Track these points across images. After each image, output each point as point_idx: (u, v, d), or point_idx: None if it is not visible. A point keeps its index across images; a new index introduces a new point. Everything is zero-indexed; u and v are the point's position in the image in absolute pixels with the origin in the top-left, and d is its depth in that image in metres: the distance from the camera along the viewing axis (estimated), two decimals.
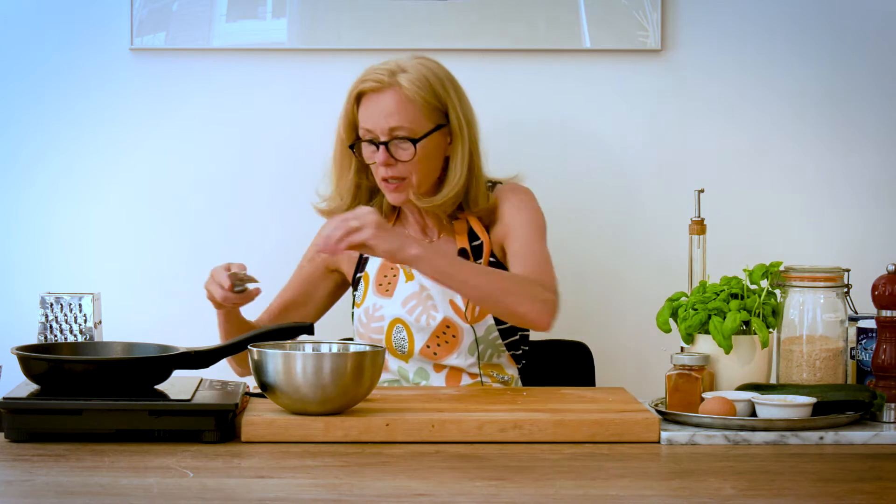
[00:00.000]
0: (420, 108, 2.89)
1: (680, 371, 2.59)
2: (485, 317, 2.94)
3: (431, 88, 2.90)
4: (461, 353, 2.95)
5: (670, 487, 2.16)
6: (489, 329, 2.95)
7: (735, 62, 3.50)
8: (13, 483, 2.13)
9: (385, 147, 2.89)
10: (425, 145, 2.90)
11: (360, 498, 2.06)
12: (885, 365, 2.63)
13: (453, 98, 2.93)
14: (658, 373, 2.84)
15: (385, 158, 2.89)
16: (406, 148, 2.89)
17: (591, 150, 3.51)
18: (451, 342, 2.94)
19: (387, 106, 2.88)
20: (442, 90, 2.91)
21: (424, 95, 2.88)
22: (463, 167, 2.93)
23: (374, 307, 2.98)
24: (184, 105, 3.48)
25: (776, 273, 2.74)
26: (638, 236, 3.52)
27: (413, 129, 2.88)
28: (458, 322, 2.94)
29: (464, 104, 2.95)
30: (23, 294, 3.39)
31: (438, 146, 2.93)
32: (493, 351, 2.96)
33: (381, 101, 2.89)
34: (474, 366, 2.96)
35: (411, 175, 2.91)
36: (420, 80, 2.89)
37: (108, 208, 3.48)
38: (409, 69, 2.90)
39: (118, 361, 2.49)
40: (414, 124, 2.88)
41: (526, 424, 2.44)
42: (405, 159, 2.89)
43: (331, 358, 2.45)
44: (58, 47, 3.45)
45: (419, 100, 2.88)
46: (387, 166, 2.90)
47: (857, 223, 3.52)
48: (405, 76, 2.88)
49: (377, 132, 2.89)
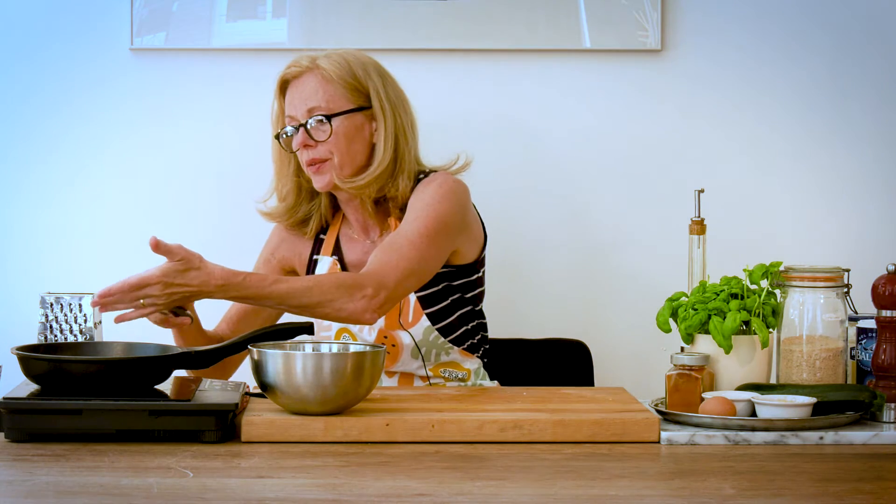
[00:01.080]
0: (339, 87, 2.90)
1: (680, 371, 2.59)
2: (419, 320, 2.94)
3: (351, 70, 2.91)
4: (405, 360, 2.95)
5: (670, 487, 2.16)
6: (427, 331, 2.94)
7: (735, 62, 3.50)
8: (13, 483, 2.13)
9: (304, 128, 2.90)
10: (343, 125, 2.90)
11: (360, 498, 2.06)
12: (885, 365, 2.63)
13: (375, 81, 2.93)
14: (658, 373, 2.84)
15: (303, 139, 2.91)
16: (324, 129, 2.90)
17: (590, 151, 3.51)
18: (393, 351, 2.94)
19: (306, 89, 2.91)
20: (363, 73, 2.92)
21: (343, 75, 2.90)
22: (388, 150, 2.92)
23: None
24: (184, 105, 3.48)
25: (776, 273, 2.74)
26: (638, 236, 3.52)
27: (331, 109, 2.90)
28: (393, 331, 2.94)
29: (389, 89, 2.95)
30: (23, 294, 3.39)
31: (360, 129, 2.93)
32: (438, 350, 2.96)
33: (301, 85, 2.92)
34: (421, 368, 2.96)
35: (332, 156, 2.91)
36: (339, 63, 2.91)
37: (109, 208, 3.48)
38: (331, 55, 2.93)
39: (118, 361, 2.49)
40: (331, 104, 2.90)
41: (526, 424, 2.44)
42: (322, 139, 2.90)
43: (331, 358, 2.45)
44: (58, 47, 3.46)
45: (337, 79, 2.90)
46: (306, 147, 2.91)
47: (856, 223, 3.52)
48: (325, 59, 2.91)
49: (297, 116, 2.92)
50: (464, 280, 2.99)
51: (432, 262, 2.84)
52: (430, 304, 2.95)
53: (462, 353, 2.99)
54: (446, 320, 2.96)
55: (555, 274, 3.47)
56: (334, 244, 3.03)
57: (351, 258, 3.02)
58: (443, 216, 2.87)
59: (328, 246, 3.04)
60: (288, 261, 3.09)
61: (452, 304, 2.97)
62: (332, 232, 3.05)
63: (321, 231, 3.07)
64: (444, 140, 3.14)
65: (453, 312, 2.97)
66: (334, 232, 3.05)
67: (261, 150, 3.48)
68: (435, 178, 2.95)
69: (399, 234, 2.83)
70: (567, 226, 3.49)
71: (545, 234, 3.46)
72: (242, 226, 3.48)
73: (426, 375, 2.97)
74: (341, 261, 3.01)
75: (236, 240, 3.48)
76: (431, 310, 2.95)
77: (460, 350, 2.98)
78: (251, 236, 3.45)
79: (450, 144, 3.03)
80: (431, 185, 2.93)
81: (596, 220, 3.51)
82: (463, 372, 2.99)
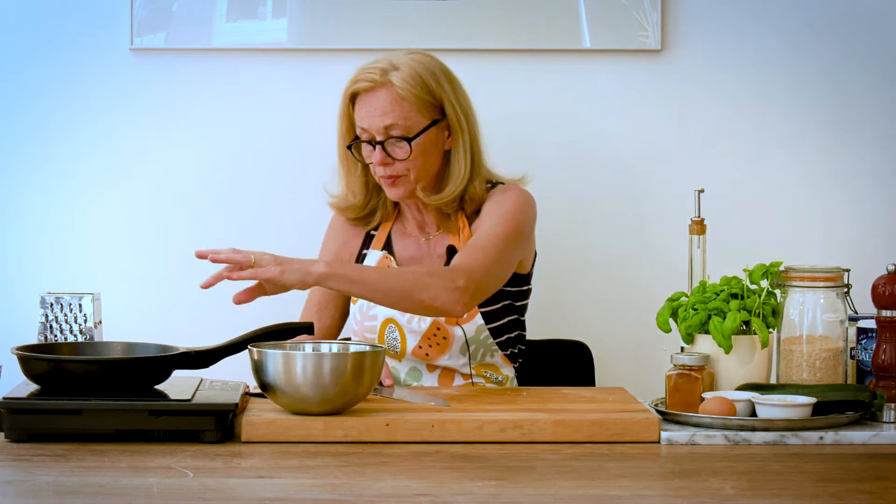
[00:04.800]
0: (413, 104, 2.88)
1: (680, 371, 2.59)
2: (474, 317, 2.94)
3: (424, 84, 2.89)
4: (452, 354, 2.95)
5: (670, 487, 2.17)
6: (479, 329, 2.94)
7: (735, 62, 3.50)
8: (13, 483, 2.13)
9: (381, 146, 2.89)
10: (421, 142, 2.89)
11: (360, 498, 2.06)
12: (885, 365, 2.63)
13: (448, 92, 2.92)
14: (658, 373, 2.84)
15: (382, 158, 2.89)
16: (402, 147, 2.88)
17: (590, 151, 3.51)
18: (443, 343, 2.94)
19: (380, 105, 2.88)
20: (435, 85, 2.90)
21: (417, 92, 2.88)
22: (466, 160, 2.94)
23: (367, 305, 2.97)
24: (184, 105, 3.48)
25: (776, 273, 2.74)
26: (638, 236, 3.52)
27: (408, 127, 2.88)
28: (448, 324, 2.94)
29: (460, 97, 2.95)
30: (23, 294, 3.39)
31: (436, 141, 2.93)
32: (485, 350, 2.96)
33: (374, 101, 2.88)
34: (466, 366, 2.96)
35: (409, 172, 2.91)
36: (412, 77, 2.88)
37: (109, 208, 3.48)
38: (401, 66, 2.89)
39: (118, 361, 2.49)
40: (408, 121, 2.88)
41: (526, 424, 2.44)
42: (401, 158, 2.89)
43: (331, 358, 2.45)
44: (58, 47, 3.45)
45: (412, 97, 2.87)
46: (384, 165, 2.90)
47: (857, 223, 3.52)
48: (397, 74, 2.88)
49: (373, 131, 2.89)
50: (516, 288, 3.00)
51: (509, 266, 2.90)
52: (485, 304, 2.95)
53: (503, 358, 2.99)
54: (498, 322, 2.96)
55: (555, 274, 3.46)
56: (386, 239, 3.02)
57: (403, 254, 3.01)
58: (520, 225, 2.93)
59: (379, 240, 3.02)
60: (338, 254, 3.07)
61: (504, 309, 2.98)
62: (384, 227, 3.04)
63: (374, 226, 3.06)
64: None
65: (504, 316, 2.98)
66: (387, 227, 3.04)
67: (261, 150, 3.48)
68: (513, 188, 2.98)
69: (482, 236, 2.87)
70: (567, 226, 3.48)
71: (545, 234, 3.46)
72: (243, 225, 3.48)
73: (469, 373, 2.96)
74: (392, 256, 3.00)
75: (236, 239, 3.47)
76: (486, 309, 2.95)
77: (502, 355, 2.99)
78: (252, 236, 3.45)
79: None
80: (510, 193, 2.96)
81: (596, 221, 3.51)
82: (502, 377, 2.99)
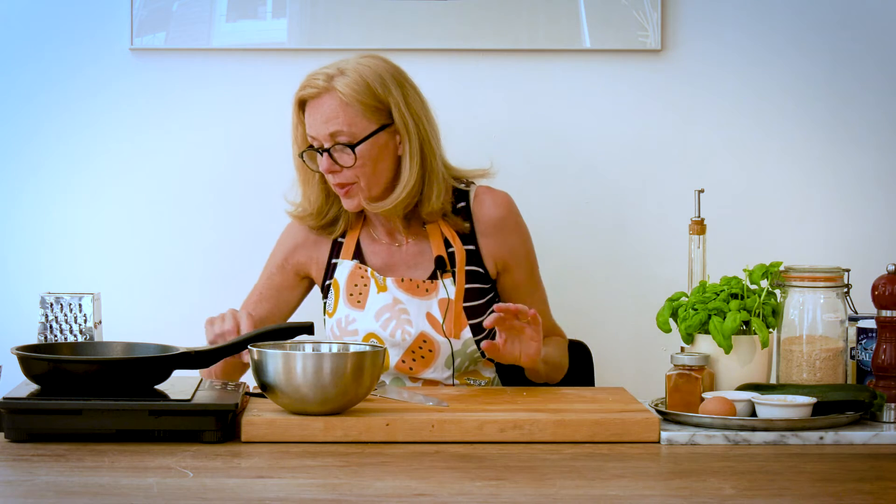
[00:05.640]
0: (359, 111, 2.82)
1: (680, 371, 2.59)
2: (463, 329, 2.92)
3: (369, 89, 2.82)
4: (437, 367, 2.92)
5: (670, 487, 2.17)
6: (467, 343, 2.91)
7: (735, 62, 3.50)
8: (13, 483, 2.13)
9: (328, 154, 2.83)
10: (367, 149, 2.83)
11: (360, 498, 2.06)
12: (885, 365, 2.63)
13: (396, 96, 2.84)
14: (658, 373, 2.84)
15: (328, 165, 2.84)
16: (348, 154, 2.82)
17: (591, 150, 3.51)
18: (428, 357, 2.91)
19: (325, 112, 2.83)
20: (382, 89, 2.83)
21: (362, 98, 2.81)
22: (414, 166, 2.86)
23: (346, 319, 2.93)
24: (184, 105, 3.48)
25: (776, 273, 2.74)
26: (638, 236, 3.52)
27: (353, 133, 2.82)
28: (434, 336, 2.90)
29: (411, 101, 2.87)
30: (23, 294, 3.39)
31: (385, 147, 2.86)
32: (469, 362, 2.94)
33: (320, 107, 2.83)
34: (450, 378, 2.93)
35: (359, 179, 2.85)
36: (357, 83, 2.82)
37: (109, 208, 3.48)
38: (347, 71, 2.83)
39: (118, 361, 2.49)
40: (354, 128, 2.82)
41: (526, 424, 2.44)
42: (348, 165, 2.83)
43: (331, 358, 2.45)
44: (58, 47, 3.46)
45: (356, 103, 2.81)
46: (332, 173, 2.85)
47: (856, 223, 3.52)
48: (341, 79, 2.82)
49: (320, 139, 2.84)
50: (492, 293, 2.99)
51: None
52: (474, 315, 2.92)
53: (485, 363, 2.97)
54: (484, 332, 2.92)
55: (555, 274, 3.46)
56: (355, 247, 2.97)
57: (375, 262, 2.95)
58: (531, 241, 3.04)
59: (348, 249, 2.96)
60: (304, 266, 3.01)
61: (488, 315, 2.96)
62: (351, 234, 2.97)
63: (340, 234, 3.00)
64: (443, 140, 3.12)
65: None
66: (354, 234, 2.97)
67: (261, 150, 3.48)
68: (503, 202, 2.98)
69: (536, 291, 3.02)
70: (566, 226, 3.48)
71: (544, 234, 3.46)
72: (243, 225, 3.48)
73: (452, 384, 2.93)
74: (365, 265, 2.95)
75: (236, 239, 3.48)
76: (474, 321, 2.92)
77: (485, 360, 2.96)
78: (252, 236, 3.45)
79: (448, 145, 3.02)
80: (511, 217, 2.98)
81: (596, 220, 3.51)
82: (485, 381, 2.98)
